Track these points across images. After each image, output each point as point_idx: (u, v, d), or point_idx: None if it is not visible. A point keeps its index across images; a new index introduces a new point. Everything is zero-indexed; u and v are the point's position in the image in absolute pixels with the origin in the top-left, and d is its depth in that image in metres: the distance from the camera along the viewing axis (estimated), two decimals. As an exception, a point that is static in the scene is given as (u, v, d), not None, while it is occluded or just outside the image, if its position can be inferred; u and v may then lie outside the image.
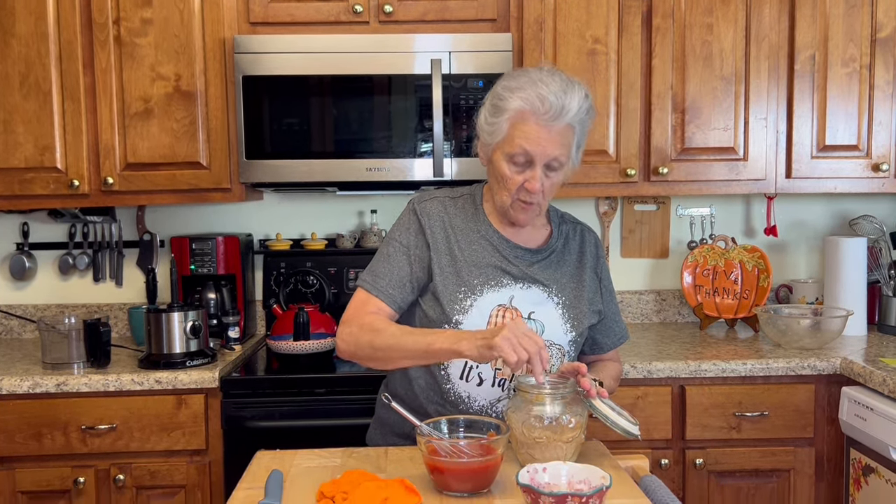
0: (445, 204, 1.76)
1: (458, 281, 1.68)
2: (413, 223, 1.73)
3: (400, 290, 1.70)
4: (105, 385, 2.30)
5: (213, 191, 2.60)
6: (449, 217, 1.74)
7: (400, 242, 1.73)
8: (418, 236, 1.72)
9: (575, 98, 1.59)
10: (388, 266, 1.71)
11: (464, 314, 1.66)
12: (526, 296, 1.69)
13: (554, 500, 1.23)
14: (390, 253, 1.73)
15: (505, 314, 1.67)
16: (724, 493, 2.40)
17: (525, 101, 1.59)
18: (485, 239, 1.73)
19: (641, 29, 2.61)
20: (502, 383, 1.68)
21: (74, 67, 2.54)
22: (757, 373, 2.36)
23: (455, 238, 1.72)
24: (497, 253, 1.72)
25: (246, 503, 1.38)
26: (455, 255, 1.70)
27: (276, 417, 2.31)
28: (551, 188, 1.67)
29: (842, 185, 2.68)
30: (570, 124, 1.61)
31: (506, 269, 1.70)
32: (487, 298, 1.67)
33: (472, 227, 1.74)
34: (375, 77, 2.52)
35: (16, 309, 2.97)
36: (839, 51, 2.62)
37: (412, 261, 1.71)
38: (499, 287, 1.69)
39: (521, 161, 1.62)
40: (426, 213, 1.73)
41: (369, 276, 1.72)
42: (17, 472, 2.31)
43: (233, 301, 2.78)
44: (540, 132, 1.59)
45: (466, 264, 1.69)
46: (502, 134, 1.63)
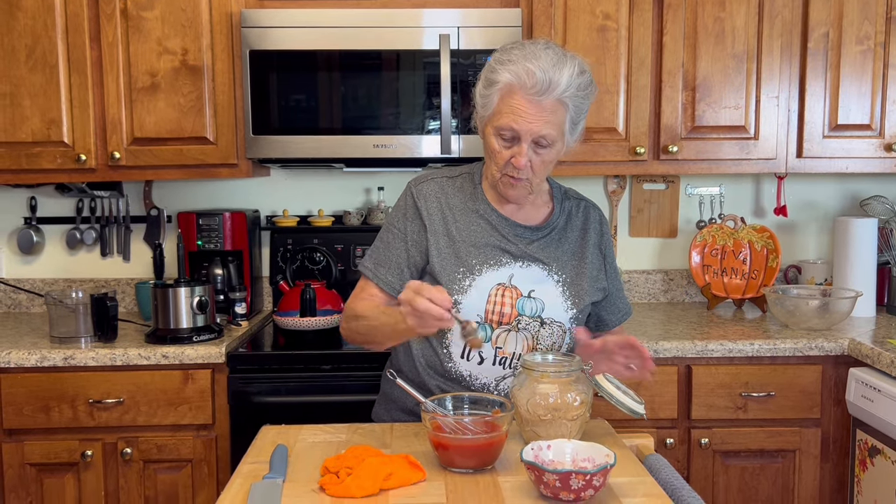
0: (442, 184, 1.74)
1: (456, 261, 1.67)
2: (410, 206, 1.73)
3: (398, 276, 1.70)
4: (112, 359, 2.30)
5: (219, 166, 2.59)
6: (446, 197, 1.72)
7: (396, 227, 1.73)
8: (414, 220, 1.71)
9: (565, 73, 1.55)
10: (387, 252, 1.72)
11: (463, 294, 1.65)
12: (525, 274, 1.68)
13: (558, 478, 1.23)
14: (388, 238, 1.73)
15: (504, 293, 1.66)
16: (730, 473, 2.40)
17: (513, 74, 1.56)
18: (483, 218, 1.71)
19: (653, 5, 2.57)
20: (503, 361, 1.67)
21: (81, 41, 2.52)
22: (764, 353, 2.35)
23: (453, 218, 1.71)
24: (496, 232, 1.70)
25: (251, 477, 1.38)
26: (453, 235, 1.69)
27: (282, 393, 2.32)
28: (542, 165, 1.63)
29: (853, 165, 2.66)
30: (561, 100, 1.57)
31: (505, 247, 1.69)
32: (486, 277, 1.66)
33: (469, 206, 1.72)
34: (383, 52, 2.50)
35: (23, 283, 2.99)
36: (854, 28, 2.58)
37: (409, 245, 1.71)
38: (498, 266, 1.67)
39: (508, 136, 1.60)
40: (422, 195, 1.72)
41: (370, 262, 1.74)
42: (26, 445, 2.33)
43: (240, 277, 2.78)
44: (527, 107, 1.56)
45: (465, 244, 1.68)
46: (492, 107, 1.61)
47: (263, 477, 1.37)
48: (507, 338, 1.66)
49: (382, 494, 1.30)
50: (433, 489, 1.32)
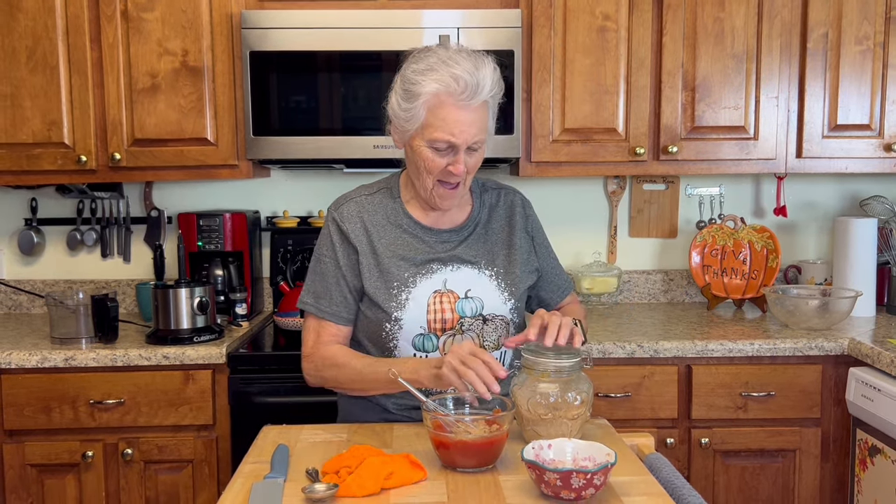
0: (361, 203, 1.72)
1: (388, 277, 1.66)
2: (335, 232, 1.71)
3: (344, 305, 1.69)
4: (113, 360, 2.31)
5: (220, 167, 2.60)
6: (368, 215, 1.71)
7: (327, 256, 1.71)
8: (342, 244, 1.69)
9: (488, 73, 1.56)
10: (325, 284, 1.70)
11: (402, 309, 1.64)
12: (458, 276, 1.68)
13: (559, 477, 1.23)
14: (323, 270, 1.71)
15: (442, 299, 1.66)
16: (730, 472, 2.40)
17: (439, 82, 1.53)
18: (406, 232, 1.70)
19: (652, 6, 2.58)
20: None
21: (81, 42, 2.53)
22: (764, 353, 2.35)
23: (378, 235, 1.69)
24: (421, 242, 1.70)
25: (252, 477, 1.38)
26: (379, 252, 1.68)
27: (283, 393, 2.32)
28: (474, 166, 1.64)
29: (853, 166, 2.66)
30: (485, 101, 1.58)
31: (432, 256, 1.69)
32: (421, 288, 1.66)
33: (392, 221, 1.71)
34: (383, 53, 2.50)
35: (24, 284, 2.99)
36: (853, 28, 2.59)
37: (344, 272, 1.69)
38: (430, 274, 1.67)
39: (444, 147, 1.58)
40: (345, 218, 1.70)
41: (310, 299, 1.71)
42: (27, 446, 2.33)
43: (240, 278, 2.78)
44: (459, 115, 1.54)
45: (394, 259, 1.67)
46: (420, 120, 1.57)
47: (265, 477, 1.37)
48: (453, 342, 1.66)
49: (384, 494, 1.30)
50: (434, 488, 1.33)
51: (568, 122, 2.60)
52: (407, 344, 1.66)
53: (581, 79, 2.58)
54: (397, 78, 1.62)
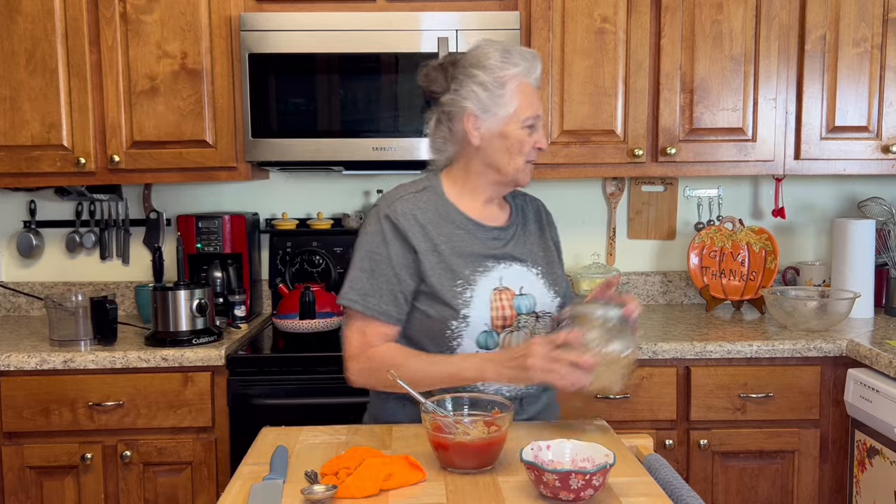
0: (413, 201, 1.70)
1: (452, 275, 1.65)
2: (389, 230, 1.66)
3: (395, 304, 1.65)
4: (112, 362, 2.31)
5: (219, 169, 2.60)
6: (421, 212, 1.69)
7: (379, 254, 1.66)
8: (396, 242, 1.65)
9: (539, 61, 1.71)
10: (374, 282, 1.65)
11: (468, 307, 1.63)
12: (510, 274, 1.69)
13: (557, 478, 1.23)
14: (372, 268, 1.66)
15: (501, 296, 1.66)
16: (729, 473, 2.40)
17: (517, 65, 1.66)
18: (460, 228, 1.70)
19: (651, 8, 2.58)
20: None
21: (80, 45, 2.53)
22: (762, 354, 2.35)
23: (436, 232, 1.67)
24: (474, 238, 1.70)
25: (251, 478, 1.38)
26: (440, 249, 1.66)
27: (282, 395, 2.32)
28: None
29: (851, 167, 2.66)
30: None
31: (486, 252, 1.69)
32: (482, 285, 1.66)
33: (445, 218, 1.70)
34: (382, 55, 2.50)
35: (23, 286, 2.99)
36: (851, 31, 2.59)
37: (398, 271, 1.65)
38: (486, 271, 1.67)
39: (532, 123, 1.68)
40: (399, 216, 1.67)
41: (357, 296, 1.65)
42: (26, 448, 2.33)
43: (239, 280, 2.78)
44: (534, 92, 1.70)
45: (453, 256, 1.66)
46: (514, 104, 1.65)
47: (264, 478, 1.37)
48: (510, 339, 1.67)
49: (383, 495, 1.30)
50: (433, 489, 1.33)
51: (566, 124, 2.60)
52: (471, 341, 1.65)
53: (579, 81, 2.58)
54: (465, 79, 1.66)
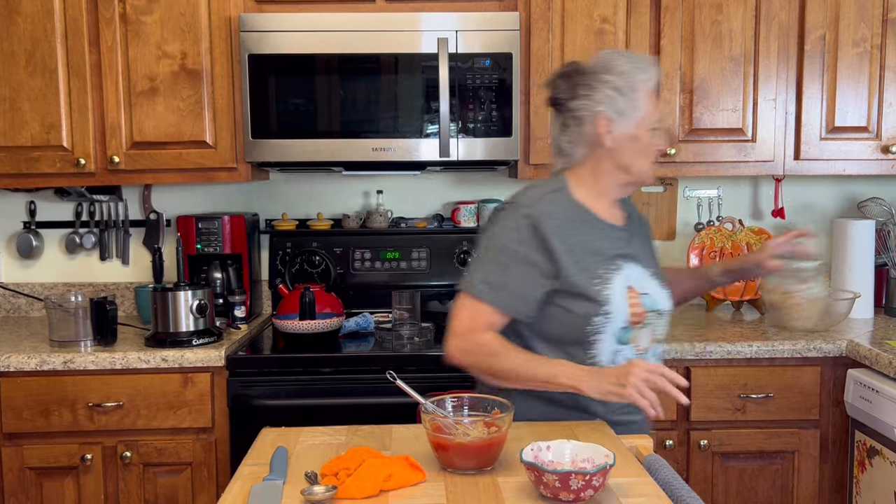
0: (552, 201, 1.73)
1: (589, 274, 1.68)
2: (528, 229, 1.68)
3: (522, 301, 1.67)
4: (112, 363, 2.31)
5: (218, 170, 2.60)
6: (560, 212, 1.72)
7: (517, 252, 1.67)
8: (537, 243, 1.67)
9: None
10: (505, 276, 1.67)
11: (608, 304, 1.67)
12: (634, 273, 1.74)
13: (557, 478, 1.23)
14: (506, 262, 1.68)
15: (632, 294, 1.70)
16: (729, 474, 2.40)
17: (648, 74, 1.74)
18: (594, 228, 1.74)
19: (650, 8, 2.58)
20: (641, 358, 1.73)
21: (80, 45, 2.53)
22: (762, 355, 2.35)
23: (572, 232, 1.71)
24: (606, 238, 1.74)
25: (251, 479, 1.38)
26: (576, 249, 1.69)
27: (282, 396, 2.32)
28: None
29: (850, 168, 2.66)
30: None
31: (615, 252, 1.74)
32: (616, 283, 1.69)
33: (577, 217, 1.74)
34: (382, 56, 2.50)
35: (23, 287, 2.99)
36: (850, 31, 2.59)
37: (531, 271, 1.67)
38: (617, 270, 1.71)
39: (657, 127, 1.75)
40: (543, 216, 1.69)
41: (485, 287, 1.67)
42: (25, 449, 2.33)
43: (239, 280, 2.78)
44: (657, 99, 1.78)
45: (588, 255, 1.70)
46: (644, 108, 1.72)
47: (264, 479, 1.37)
48: (640, 335, 1.72)
49: (382, 495, 1.30)
50: (433, 490, 1.33)
51: (566, 125, 2.60)
52: (610, 337, 1.68)
53: (579, 81, 2.58)
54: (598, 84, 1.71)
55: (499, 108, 2.52)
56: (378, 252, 2.91)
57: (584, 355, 1.69)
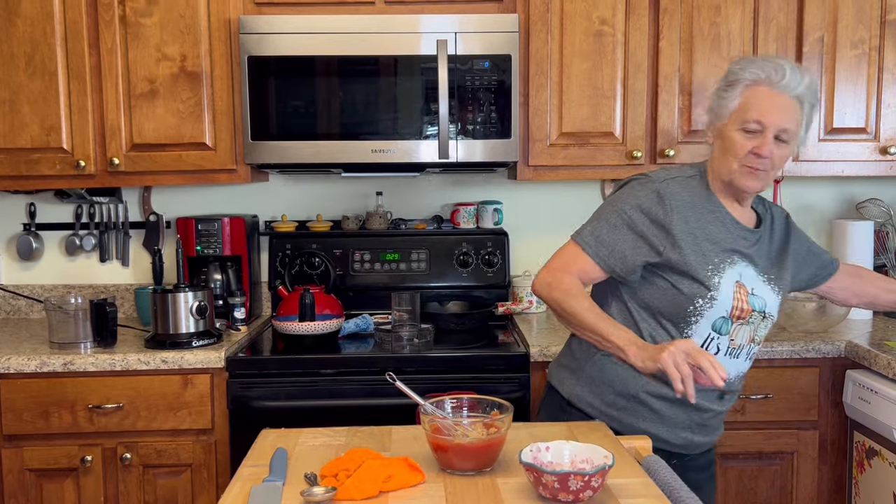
0: (683, 184, 1.79)
1: (704, 259, 1.72)
2: (652, 202, 1.74)
3: (621, 263, 1.75)
4: (112, 364, 2.31)
5: (218, 172, 2.60)
6: (690, 196, 1.77)
7: (631, 218, 1.75)
8: (653, 217, 1.73)
9: (806, 76, 1.70)
10: (612, 234, 1.75)
11: (716, 289, 1.70)
12: (748, 273, 1.76)
13: (557, 479, 1.23)
14: (616, 223, 1.76)
15: (741, 290, 1.73)
16: (728, 475, 2.40)
17: (761, 69, 1.69)
18: (718, 219, 1.77)
19: (649, 10, 2.59)
20: (732, 352, 1.75)
21: (80, 47, 2.53)
22: (761, 356, 2.36)
23: (696, 216, 1.75)
24: (728, 232, 1.77)
25: (251, 480, 1.39)
26: (698, 233, 1.74)
27: (282, 397, 2.33)
28: (781, 160, 1.72)
29: (849, 169, 2.67)
30: (799, 98, 1.69)
31: (735, 247, 1.76)
32: (727, 275, 1.72)
33: (707, 206, 1.77)
34: (381, 58, 2.51)
35: (23, 289, 2.99)
36: (848, 32, 2.60)
37: (637, 241, 1.73)
38: (732, 264, 1.74)
39: (754, 129, 1.69)
40: (669, 194, 1.75)
41: (591, 238, 1.77)
42: (25, 451, 2.33)
43: (238, 282, 2.79)
44: (772, 100, 1.68)
45: (708, 242, 1.74)
46: (734, 105, 1.71)
47: (263, 480, 1.37)
48: (739, 331, 1.74)
49: (382, 496, 1.31)
50: (432, 491, 1.33)
51: (565, 126, 2.61)
52: (708, 323, 1.72)
53: (578, 83, 2.59)
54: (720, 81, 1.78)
55: (498, 110, 2.52)
56: (377, 253, 2.91)
57: (678, 332, 1.74)
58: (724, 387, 1.57)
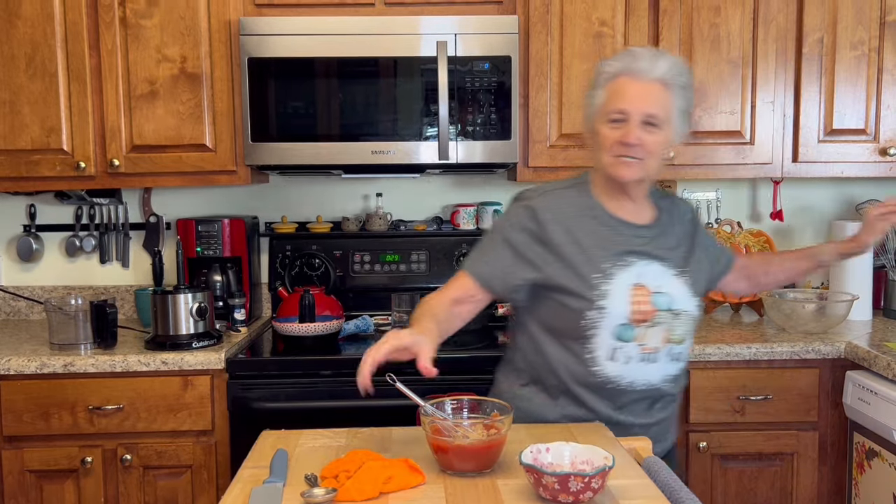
0: (558, 195, 1.79)
1: (590, 268, 1.70)
2: (528, 219, 1.74)
3: (500, 281, 1.74)
4: (112, 366, 2.31)
5: (218, 173, 2.60)
6: (566, 206, 1.76)
7: (508, 238, 1.75)
8: (529, 233, 1.73)
9: (665, 59, 1.69)
10: (491, 255, 1.76)
11: (604, 298, 1.68)
12: (650, 271, 1.73)
13: (557, 480, 1.23)
14: (495, 246, 1.77)
15: (639, 291, 1.70)
16: (728, 476, 2.41)
17: (618, 61, 1.70)
18: (602, 224, 1.75)
19: (649, 11, 2.59)
20: (647, 357, 1.72)
21: (80, 49, 2.54)
22: (761, 357, 2.36)
23: (577, 227, 1.74)
24: (618, 234, 1.75)
25: (251, 482, 1.39)
26: (580, 242, 1.72)
27: (282, 399, 2.33)
28: (654, 145, 1.69)
29: (849, 170, 2.67)
30: (665, 83, 1.67)
31: (628, 248, 1.74)
32: (620, 279, 1.70)
33: (587, 213, 1.76)
34: (381, 59, 2.51)
35: (23, 290, 2.99)
36: (848, 34, 2.60)
37: (517, 259, 1.73)
38: (626, 266, 1.71)
39: (618, 118, 1.68)
40: (541, 208, 1.74)
41: (473, 260, 1.78)
42: (25, 452, 2.33)
43: (238, 283, 2.79)
44: (632, 87, 1.67)
45: (594, 249, 1.72)
46: (601, 101, 1.72)
47: (264, 482, 1.38)
48: (647, 334, 1.70)
49: (382, 498, 1.31)
50: (433, 492, 1.33)
51: (565, 128, 2.61)
52: (607, 333, 1.69)
53: (578, 84, 2.59)
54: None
55: (498, 111, 2.52)
56: (377, 255, 2.91)
57: (581, 349, 1.71)
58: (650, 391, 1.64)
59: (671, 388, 1.78)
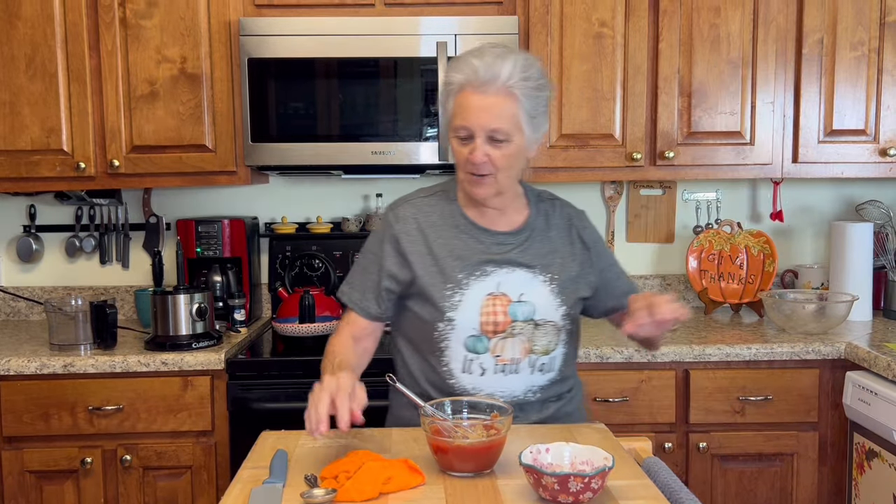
0: (418, 205, 1.74)
1: (443, 278, 1.66)
2: (387, 232, 1.72)
3: (375, 301, 1.72)
4: (112, 366, 2.31)
5: (218, 174, 2.60)
6: (424, 216, 1.72)
7: (373, 253, 1.74)
8: (391, 244, 1.71)
9: (508, 64, 1.56)
10: (363, 277, 1.74)
11: (454, 310, 1.65)
12: (512, 279, 1.67)
13: (556, 480, 1.23)
14: (364, 264, 1.75)
15: (495, 302, 1.65)
16: (728, 476, 2.41)
17: (461, 72, 1.59)
18: (463, 232, 1.71)
19: (649, 12, 2.59)
20: (504, 369, 1.67)
21: (80, 49, 2.54)
22: (761, 357, 2.36)
23: (434, 236, 1.70)
24: (478, 243, 1.70)
25: (251, 482, 1.39)
26: (435, 253, 1.68)
27: (282, 399, 2.33)
28: (504, 160, 1.60)
29: (849, 170, 2.67)
30: (508, 91, 1.56)
31: (488, 257, 1.68)
32: (474, 289, 1.66)
33: (448, 222, 1.72)
34: (381, 60, 2.51)
35: (23, 291, 2.99)
36: (848, 34, 2.60)
37: (382, 272, 1.71)
38: (484, 276, 1.67)
39: (464, 135, 1.60)
40: (399, 219, 1.72)
41: (346, 287, 1.77)
42: (25, 452, 2.33)
43: (238, 284, 2.79)
44: (474, 101, 1.57)
45: (449, 259, 1.68)
46: (450, 113, 1.63)
47: (263, 482, 1.37)
48: (503, 345, 1.66)
49: (382, 498, 1.31)
50: (432, 493, 1.33)
51: (565, 128, 2.61)
52: (458, 345, 1.66)
53: (578, 85, 2.59)
54: None
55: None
56: (377, 255, 2.91)
57: (437, 361, 1.69)
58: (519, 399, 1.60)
59: (540, 398, 1.70)
